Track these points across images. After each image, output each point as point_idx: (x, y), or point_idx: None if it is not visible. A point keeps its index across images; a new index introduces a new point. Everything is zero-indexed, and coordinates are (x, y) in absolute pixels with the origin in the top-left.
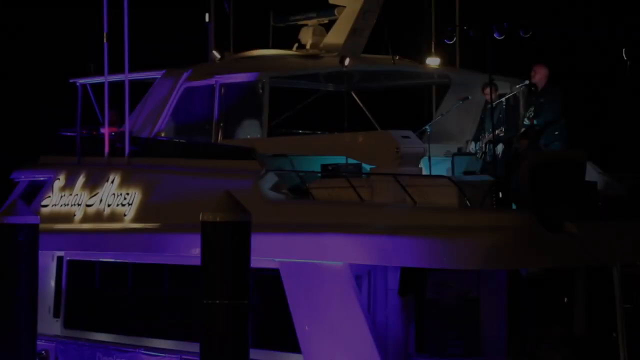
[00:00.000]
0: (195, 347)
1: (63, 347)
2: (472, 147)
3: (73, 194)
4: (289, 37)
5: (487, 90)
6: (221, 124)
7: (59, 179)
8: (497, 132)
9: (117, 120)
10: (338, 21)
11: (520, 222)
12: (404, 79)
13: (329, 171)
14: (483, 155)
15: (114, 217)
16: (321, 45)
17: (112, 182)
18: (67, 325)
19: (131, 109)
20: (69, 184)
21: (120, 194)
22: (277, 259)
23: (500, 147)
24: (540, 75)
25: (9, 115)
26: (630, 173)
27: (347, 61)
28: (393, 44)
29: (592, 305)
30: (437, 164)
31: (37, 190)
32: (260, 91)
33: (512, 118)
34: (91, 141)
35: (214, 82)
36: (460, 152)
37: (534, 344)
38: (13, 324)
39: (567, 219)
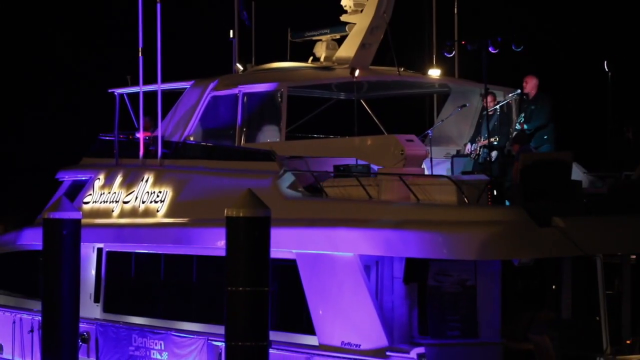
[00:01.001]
0: (220, 330)
1: (102, 329)
2: (468, 147)
3: (111, 192)
4: (305, 51)
5: (486, 99)
6: (244, 129)
7: (99, 178)
8: (492, 139)
9: (151, 125)
10: (349, 37)
11: (512, 217)
12: (408, 89)
13: (341, 171)
14: (477, 157)
15: (147, 212)
16: (334, 58)
17: (146, 181)
18: (106, 309)
19: (163, 116)
20: (108, 183)
21: (154, 192)
22: (294, 251)
23: (495, 151)
24: (531, 85)
25: (55, 122)
26: (611, 173)
27: (357, 72)
28: (398, 57)
29: (577, 292)
30: (437, 165)
31: (79, 189)
32: (279, 100)
33: (506, 123)
34: (128, 145)
35: (237, 92)
36: (459, 154)
37: (525, 326)
38: (58, 309)
39: (555, 214)
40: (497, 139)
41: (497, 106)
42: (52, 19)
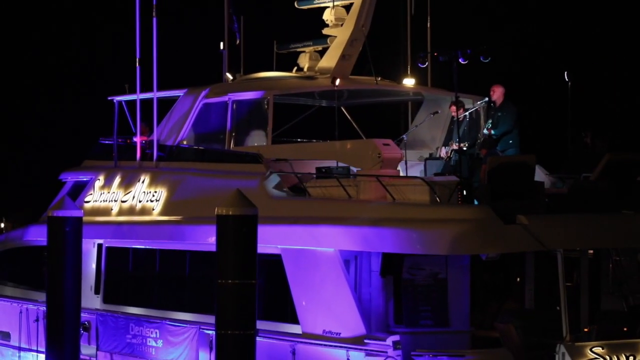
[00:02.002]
0: (211, 319)
1: (102, 318)
2: (443, 150)
3: (110, 192)
4: (289, 62)
5: (454, 107)
6: (233, 134)
7: (99, 179)
8: (462, 144)
9: (147, 130)
10: (330, 48)
11: (480, 215)
12: (384, 97)
13: (323, 173)
14: (448, 159)
15: (144, 211)
16: (316, 68)
17: (143, 182)
18: (105, 300)
19: (158, 121)
20: (107, 184)
21: (150, 192)
22: (279, 246)
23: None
24: (497, 94)
25: (58, 127)
26: (571, 174)
27: (337, 82)
28: (375, 67)
29: (539, 284)
30: (412, 167)
31: (81, 189)
32: (266, 106)
33: (474, 129)
34: (126, 148)
35: (227, 99)
36: (431, 157)
37: (492, 316)
38: (61, 300)
39: (519, 213)
40: (467, 145)
41: (467, 113)
42: (53, 32)
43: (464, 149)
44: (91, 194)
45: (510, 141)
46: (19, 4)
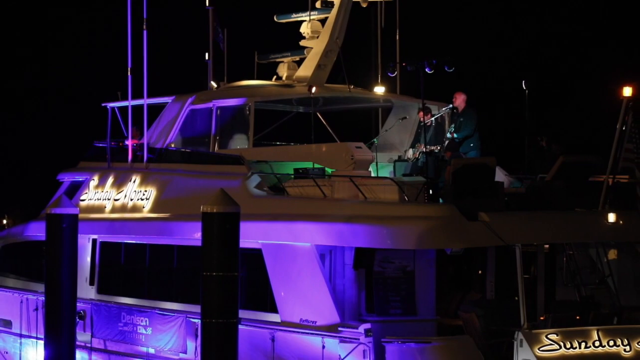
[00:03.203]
0: (197, 309)
1: (96, 308)
2: (410, 152)
3: (104, 191)
4: (269, 71)
5: (422, 113)
6: (217, 138)
7: (93, 179)
8: (428, 147)
9: (138, 134)
10: (307, 59)
11: (445, 213)
12: (357, 103)
13: (300, 174)
14: (415, 160)
15: (135, 208)
16: (294, 77)
17: (134, 182)
18: (99, 291)
19: (148, 126)
20: (101, 184)
21: (140, 191)
22: (259, 241)
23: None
24: (460, 100)
25: (56, 131)
26: (528, 175)
27: (313, 89)
28: (349, 76)
29: (499, 276)
30: (382, 168)
31: (77, 188)
32: (247, 112)
33: (440, 133)
34: (118, 150)
35: (212, 106)
36: (400, 159)
37: (456, 305)
38: (59, 290)
39: (481, 210)
40: (432, 148)
41: (433, 118)
42: (53, 44)
43: (431, 151)
44: (86, 193)
45: (472, 144)
46: (22, 10)
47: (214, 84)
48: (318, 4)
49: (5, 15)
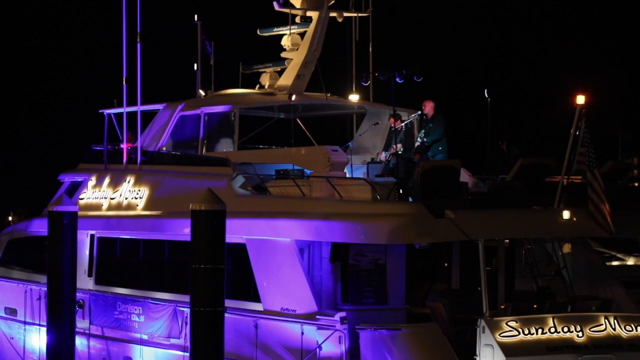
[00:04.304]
0: (186, 298)
1: (94, 297)
2: (383, 155)
3: (101, 191)
4: (253, 80)
5: (392, 119)
6: (205, 141)
7: (91, 180)
8: (399, 150)
9: (132, 138)
10: (287, 69)
11: (414, 210)
12: (333, 110)
13: (281, 174)
14: (387, 163)
15: (129, 206)
16: (275, 86)
17: (129, 182)
18: (97, 282)
19: (142, 130)
20: (99, 184)
21: (134, 191)
22: (244, 237)
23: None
24: (428, 107)
25: (58, 136)
26: (490, 176)
27: (293, 97)
28: (326, 85)
29: (464, 268)
30: (356, 170)
31: (76, 188)
32: (233, 118)
33: (409, 137)
34: (114, 153)
35: (200, 112)
36: (373, 161)
37: (424, 295)
38: (60, 281)
39: (447, 208)
40: (402, 149)
41: (403, 124)
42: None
43: (400, 154)
44: (85, 192)
45: (440, 148)
46: (30, 28)
47: (202, 92)
48: (298, 19)
49: (13, 30)
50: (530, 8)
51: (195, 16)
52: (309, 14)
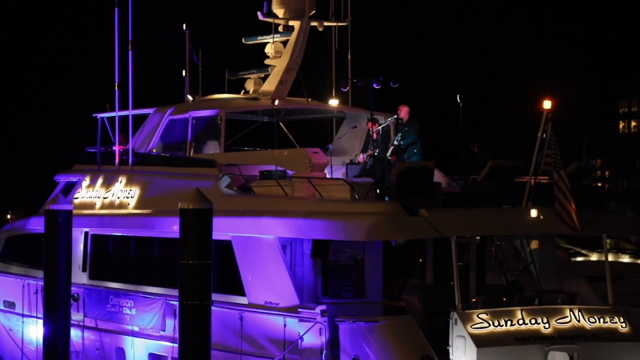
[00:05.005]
0: (175, 292)
1: (88, 292)
2: (361, 157)
3: (95, 190)
4: (238, 86)
5: (370, 123)
6: (193, 144)
7: (85, 180)
8: (375, 152)
9: (124, 141)
10: (271, 75)
11: (391, 209)
12: (314, 114)
13: (265, 175)
14: (365, 164)
15: (121, 205)
16: (260, 91)
17: (121, 182)
18: (91, 277)
19: (133, 133)
20: (92, 184)
21: (126, 190)
22: (230, 234)
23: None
24: (404, 112)
25: (54, 138)
26: (462, 177)
27: (276, 102)
28: (307, 90)
29: (437, 264)
30: (336, 171)
31: (71, 188)
32: (219, 122)
33: (386, 140)
34: (107, 155)
35: (188, 116)
36: (352, 163)
37: (399, 289)
38: (55, 276)
39: (421, 207)
40: (378, 151)
41: (380, 127)
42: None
43: (377, 155)
44: (79, 192)
45: (415, 150)
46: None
47: (190, 97)
48: (280, 28)
49: (18, 44)
50: (501, 16)
51: (184, 25)
52: (291, 23)
